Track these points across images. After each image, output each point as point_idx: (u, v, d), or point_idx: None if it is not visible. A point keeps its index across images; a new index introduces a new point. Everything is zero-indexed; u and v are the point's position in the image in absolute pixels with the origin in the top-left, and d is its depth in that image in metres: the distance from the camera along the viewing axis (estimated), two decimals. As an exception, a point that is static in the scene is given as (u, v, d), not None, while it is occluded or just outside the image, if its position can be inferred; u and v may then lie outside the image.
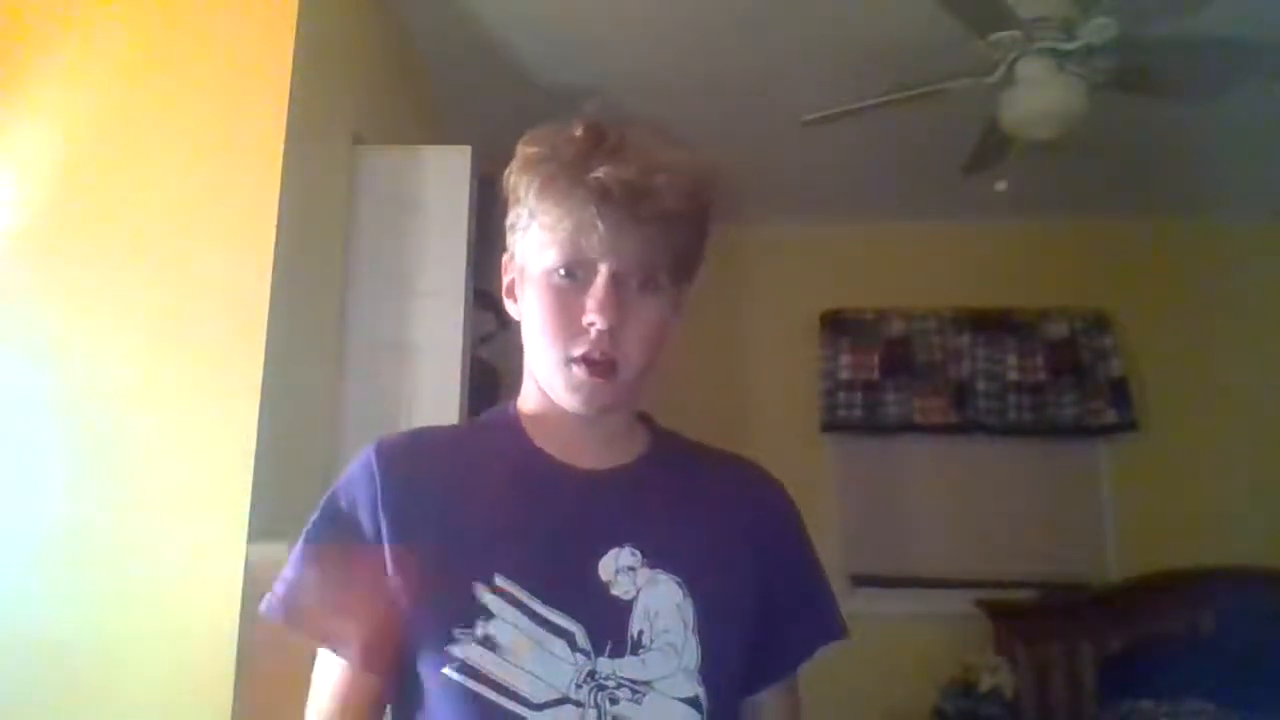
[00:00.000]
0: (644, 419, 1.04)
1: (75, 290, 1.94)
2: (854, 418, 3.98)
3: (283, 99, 2.04)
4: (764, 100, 3.20)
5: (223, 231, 1.98)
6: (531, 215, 0.93)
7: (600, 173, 0.89)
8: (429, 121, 3.20)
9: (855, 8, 2.72)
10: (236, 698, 1.77)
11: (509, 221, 0.97)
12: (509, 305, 1.01)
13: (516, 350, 1.00)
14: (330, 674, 0.92)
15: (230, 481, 1.86)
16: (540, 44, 2.96)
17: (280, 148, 2.01)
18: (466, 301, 2.46)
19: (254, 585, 1.81)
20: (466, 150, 2.53)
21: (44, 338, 1.93)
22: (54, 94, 2.02)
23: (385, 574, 0.90)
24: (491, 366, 3.14)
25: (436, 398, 2.35)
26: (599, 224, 0.88)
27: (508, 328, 0.99)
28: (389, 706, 0.95)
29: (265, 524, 1.87)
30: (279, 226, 1.98)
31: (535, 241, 0.93)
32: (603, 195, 0.88)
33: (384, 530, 0.91)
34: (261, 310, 1.94)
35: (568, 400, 0.93)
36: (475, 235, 2.51)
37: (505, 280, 1.01)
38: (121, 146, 2.01)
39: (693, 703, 0.89)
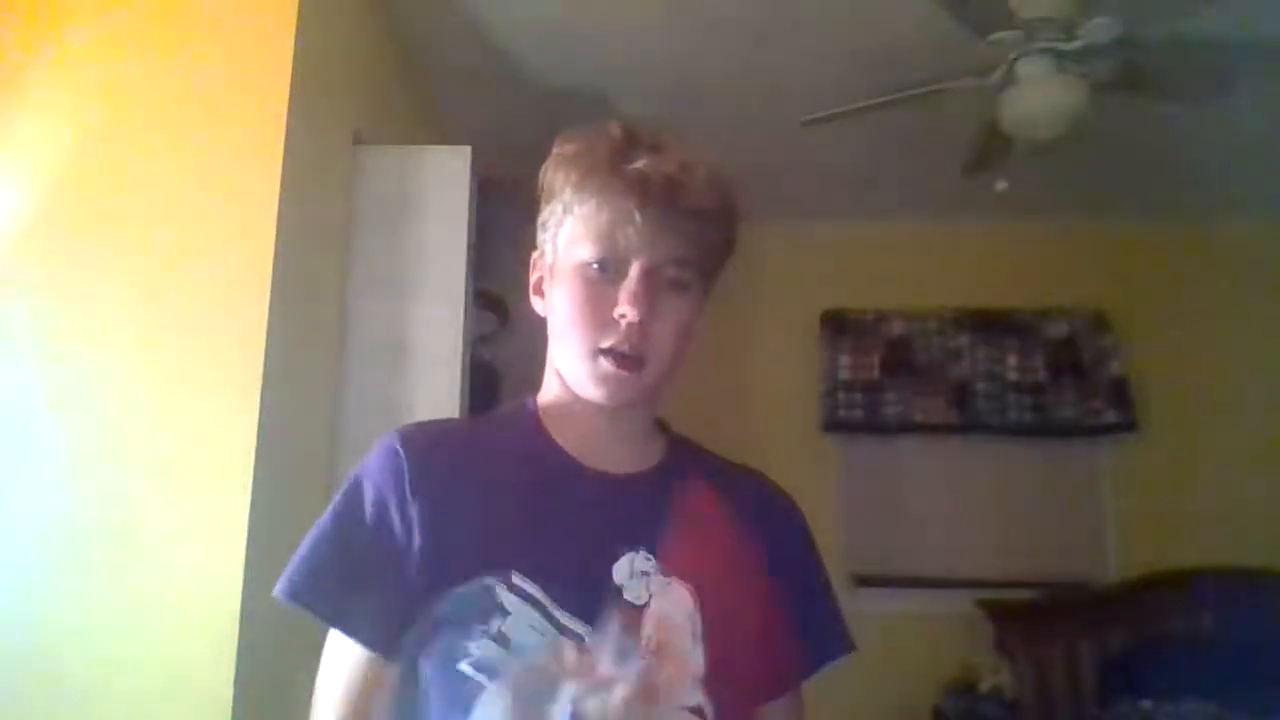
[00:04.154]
0: (661, 426, 1.04)
1: (74, 290, 1.94)
2: (854, 418, 3.98)
3: (283, 99, 2.04)
4: (764, 100, 3.20)
5: (223, 232, 1.98)
6: (566, 209, 0.94)
7: (641, 165, 0.90)
8: (429, 121, 3.20)
9: (856, 8, 2.72)
10: (236, 699, 1.77)
11: (540, 219, 0.98)
12: (535, 302, 1.01)
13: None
14: (346, 659, 0.91)
15: (230, 481, 1.86)
16: (540, 45, 2.96)
17: (280, 148, 2.01)
18: (466, 301, 2.46)
19: (254, 585, 1.81)
20: (466, 150, 2.53)
21: (43, 338, 1.93)
22: (54, 94, 2.02)
23: (411, 562, 0.89)
24: (491, 366, 3.14)
25: (436, 398, 2.35)
26: (636, 216, 0.89)
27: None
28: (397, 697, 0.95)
29: (265, 524, 1.87)
30: (279, 226, 1.98)
31: (569, 235, 0.94)
32: (642, 187, 0.89)
33: (414, 519, 0.90)
34: (261, 310, 1.94)
35: (592, 392, 0.93)
36: (475, 235, 2.51)
37: (533, 278, 1.01)
38: (121, 146, 2.01)
39: (697, 712, 0.89)
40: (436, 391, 2.37)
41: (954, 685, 3.50)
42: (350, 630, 0.91)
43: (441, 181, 2.51)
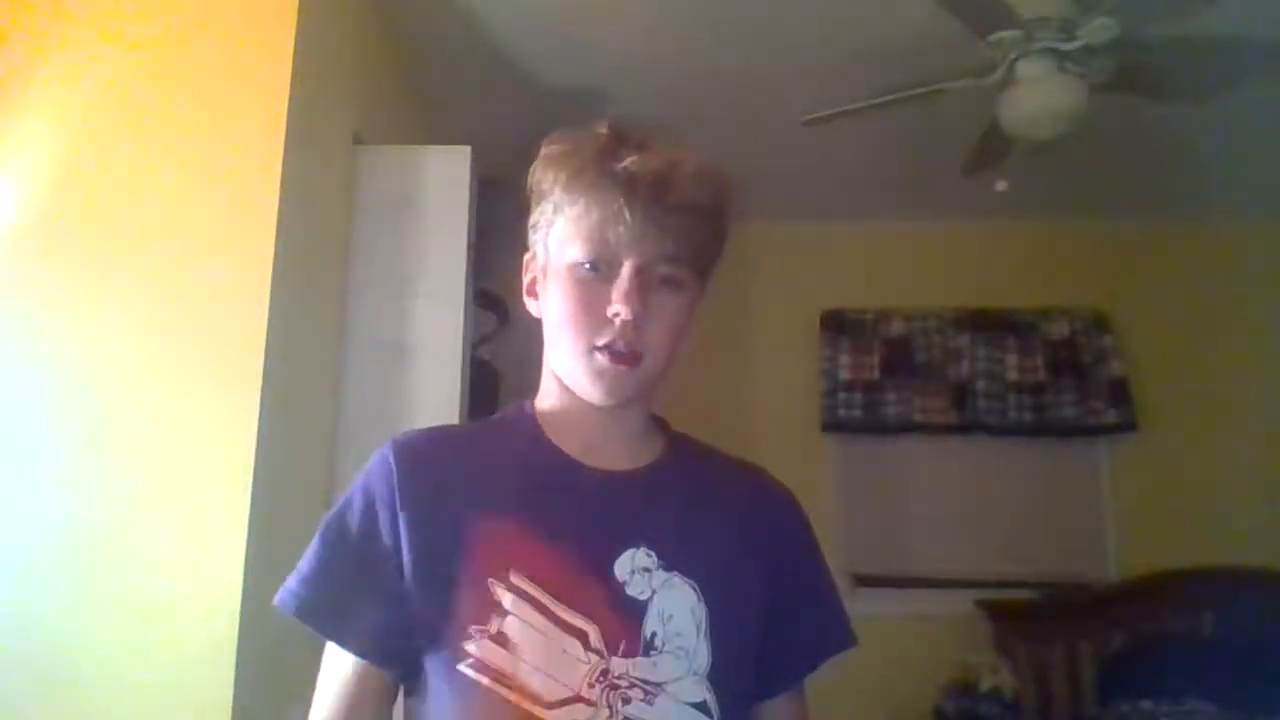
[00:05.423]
0: (659, 422, 1.04)
1: (74, 290, 1.94)
2: (854, 418, 3.98)
3: (283, 99, 2.04)
4: (764, 100, 3.20)
5: (223, 231, 1.98)
6: (556, 210, 0.94)
7: (628, 163, 0.90)
8: (429, 121, 3.20)
9: (855, 8, 2.72)
10: (236, 699, 1.76)
11: (531, 220, 0.98)
12: (529, 304, 1.01)
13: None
14: (341, 669, 0.92)
15: (230, 482, 1.86)
16: (540, 44, 2.96)
17: (280, 148, 2.01)
18: (466, 301, 2.46)
19: (254, 587, 1.81)
20: (466, 150, 2.53)
21: (42, 338, 1.93)
22: (54, 94, 2.01)
23: (401, 571, 0.90)
24: (491, 366, 3.14)
25: (436, 398, 2.35)
26: (626, 214, 0.89)
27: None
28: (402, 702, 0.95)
29: (265, 525, 1.87)
30: (279, 226, 1.98)
31: (560, 235, 0.94)
32: (630, 185, 0.89)
33: (401, 528, 0.91)
34: (261, 310, 1.94)
35: (589, 390, 0.93)
36: (475, 235, 2.51)
37: (526, 279, 1.01)
38: (121, 146, 2.01)
39: (702, 708, 0.89)
40: (436, 391, 2.36)
41: (954, 685, 3.50)
42: (340, 640, 0.92)
43: (441, 181, 2.51)
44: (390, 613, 0.90)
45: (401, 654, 0.91)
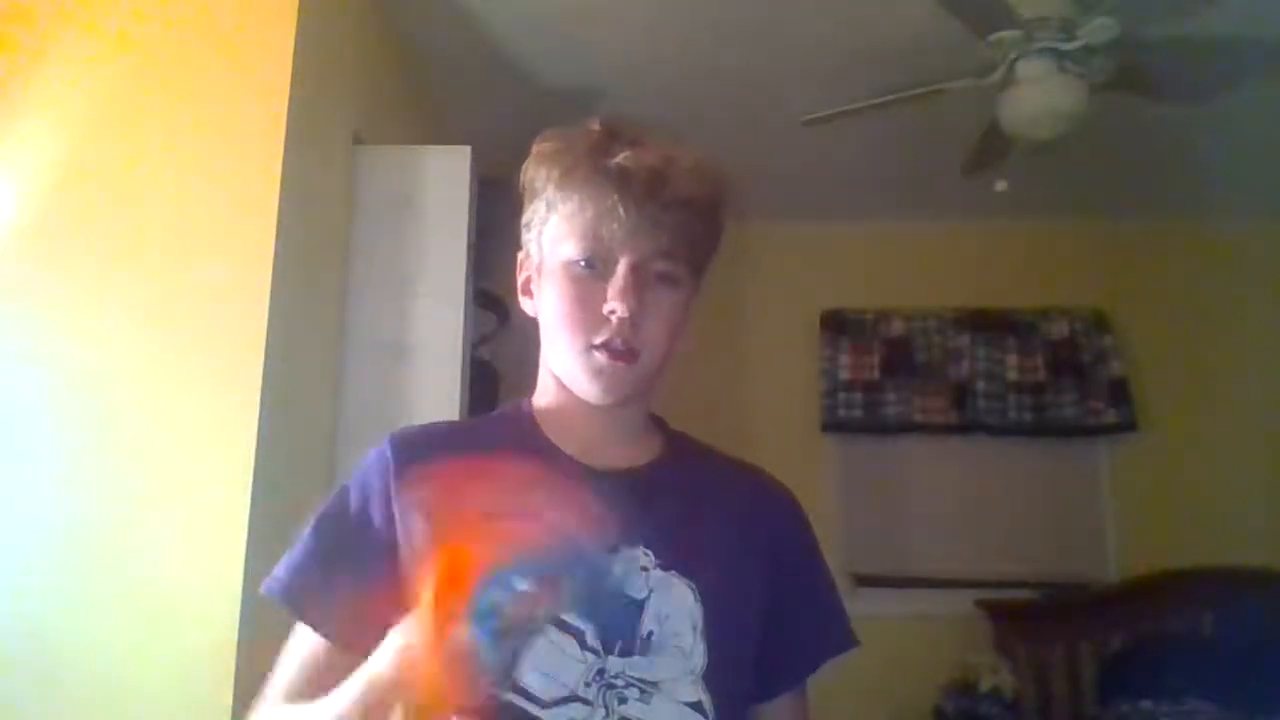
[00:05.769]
0: (657, 421, 1.04)
1: (74, 290, 1.94)
2: (854, 418, 3.98)
3: (283, 99, 2.04)
4: (764, 100, 3.20)
5: (223, 231, 1.98)
6: (550, 207, 0.93)
7: (622, 158, 0.89)
8: (429, 121, 3.20)
9: (855, 8, 2.72)
10: (236, 700, 1.76)
11: (524, 219, 0.97)
12: (524, 303, 1.01)
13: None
14: (311, 654, 0.91)
15: (230, 482, 1.86)
16: (540, 44, 2.96)
17: (280, 148, 2.01)
18: (466, 301, 2.46)
19: (254, 587, 1.81)
20: (466, 150, 2.53)
21: (43, 338, 1.93)
22: (54, 94, 2.02)
23: (392, 566, 0.89)
24: (491, 366, 3.14)
25: (436, 398, 2.35)
26: (620, 210, 0.88)
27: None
28: None
29: (264, 525, 1.87)
30: (279, 226, 1.98)
31: (554, 233, 0.93)
32: (624, 181, 0.89)
33: (396, 522, 0.91)
34: (261, 310, 1.94)
35: (588, 388, 0.93)
36: (475, 235, 2.51)
37: (520, 278, 1.00)
38: (121, 146, 2.01)
39: (697, 708, 0.88)
40: (436, 391, 2.37)
41: (954, 685, 3.50)
42: (325, 629, 0.91)
43: (441, 181, 2.52)
44: (378, 607, 0.89)
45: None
